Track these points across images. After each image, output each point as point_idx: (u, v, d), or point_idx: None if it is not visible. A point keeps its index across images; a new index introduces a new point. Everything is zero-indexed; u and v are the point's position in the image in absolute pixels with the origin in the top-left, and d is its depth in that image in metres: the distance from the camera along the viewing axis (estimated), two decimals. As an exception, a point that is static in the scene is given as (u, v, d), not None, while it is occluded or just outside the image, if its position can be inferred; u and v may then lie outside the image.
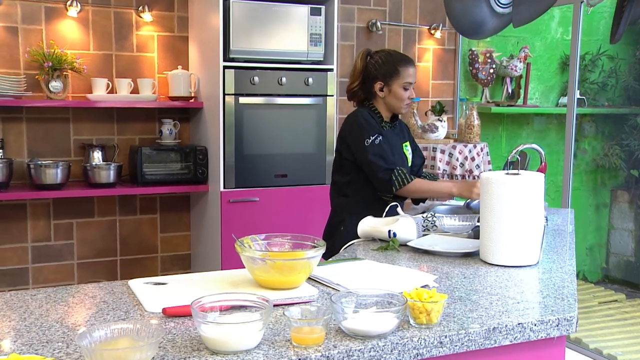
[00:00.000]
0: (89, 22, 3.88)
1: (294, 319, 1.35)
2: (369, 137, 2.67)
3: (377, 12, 4.66)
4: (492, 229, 1.99)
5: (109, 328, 1.28)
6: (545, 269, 1.97)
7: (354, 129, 2.73)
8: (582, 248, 5.71)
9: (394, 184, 2.63)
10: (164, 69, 4.09)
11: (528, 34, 5.29)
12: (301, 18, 3.85)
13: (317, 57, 3.92)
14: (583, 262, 5.73)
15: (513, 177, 1.98)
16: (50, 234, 3.90)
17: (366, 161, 2.68)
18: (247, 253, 1.68)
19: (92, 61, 3.89)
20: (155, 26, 4.07)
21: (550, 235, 2.48)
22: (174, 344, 1.34)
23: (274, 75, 3.81)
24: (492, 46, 5.10)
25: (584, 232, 5.70)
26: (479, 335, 1.45)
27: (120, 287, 1.74)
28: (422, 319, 1.45)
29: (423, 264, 2.02)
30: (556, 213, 2.97)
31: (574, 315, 1.56)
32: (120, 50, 3.99)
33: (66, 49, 3.75)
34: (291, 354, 1.30)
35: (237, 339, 1.29)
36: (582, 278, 5.67)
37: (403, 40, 4.78)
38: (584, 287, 5.44)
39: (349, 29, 4.59)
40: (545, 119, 5.42)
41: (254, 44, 3.76)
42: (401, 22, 4.74)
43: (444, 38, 4.90)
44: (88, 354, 1.19)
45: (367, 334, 1.38)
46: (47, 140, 3.83)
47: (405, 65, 2.74)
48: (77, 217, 3.96)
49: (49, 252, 3.90)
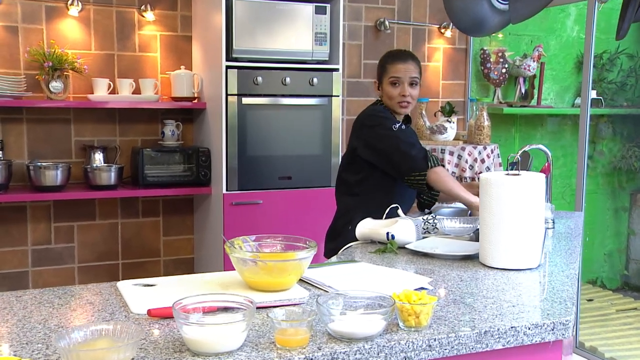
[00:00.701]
0: (90, 21, 3.92)
1: (277, 320, 1.35)
2: (395, 124, 2.69)
3: (386, 10, 4.67)
4: (491, 231, 1.99)
5: (88, 329, 1.29)
6: (546, 273, 1.96)
7: (376, 120, 2.73)
8: (600, 254, 5.66)
9: (431, 160, 2.60)
10: (166, 69, 4.12)
11: (542, 33, 5.27)
12: (306, 16, 3.86)
13: (322, 57, 3.94)
14: (601, 268, 5.69)
15: (512, 178, 1.98)
16: (50, 237, 3.94)
17: (396, 143, 2.63)
18: (236, 254, 1.69)
19: (93, 61, 3.93)
20: (157, 25, 4.10)
21: (558, 238, 2.46)
22: (155, 346, 1.35)
23: (278, 75, 3.83)
24: (505, 45, 5.08)
25: (602, 237, 5.66)
26: (470, 339, 1.45)
27: (108, 288, 1.75)
28: (411, 321, 1.45)
29: (420, 266, 2.02)
30: (567, 216, 2.95)
31: (570, 319, 1.55)
32: (122, 50, 4.02)
33: (67, 49, 3.79)
34: (274, 356, 1.30)
35: (219, 340, 1.30)
36: (600, 285, 5.63)
37: (412, 40, 4.78)
38: (601, 294, 5.40)
39: (356, 28, 4.60)
40: (560, 120, 5.39)
41: (257, 43, 3.78)
42: (410, 20, 4.74)
43: (454, 37, 4.90)
44: (65, 355, 1.20)
45: (354, 336, 1.38)
46: (48, 141, 3.87)
47: (392, 60, 2.75)
48: (78, 220, 3.99)
49: (49, 256, 3.94)
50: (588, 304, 5.12)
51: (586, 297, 5.23)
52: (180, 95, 4.01)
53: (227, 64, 3.72)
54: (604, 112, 5.38)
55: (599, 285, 5.62)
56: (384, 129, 2.67)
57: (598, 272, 5.68)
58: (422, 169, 2.59)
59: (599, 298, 5.27)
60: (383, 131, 2.67)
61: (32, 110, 3.81)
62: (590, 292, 5.42)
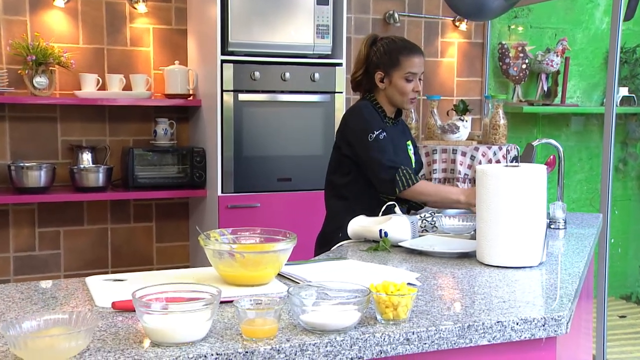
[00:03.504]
0: (77, 13, 4.00)
1: (242, 309, 1.39)
2: (372, 132, 2.68)
3: (395, 2, 4.70)
4: (488, 227, 2.00)
5: (41, 318, 1.33)
6: (547, 270, 1.97)
7: (357, 122, 2.76)
8: (634, 266, 5.62)
9: (398, 184, 2.62)
10: (160, 65, 4.18)
11: (567, 25, 5.27)
12: (307, 8, 3.91)
13: (324, 51, 3.98)
14: (636, 282, 5.64)
15: (511, 170, 2.00)
16: (34, 243, 4.00)
17: (367, 158, 2.68)
18: (210, 246, 1.73)
19: (81, 56, 4.00)
20: (150, 18, 4.17)
21: (569, 239, 2.47)
22: (115, 337, 1.39)
23: (277, 70, 3.87)
24: (525, 39, 5.10)
25: (636, 248, 5.62)
26: (451, 333, 1.47)
27: (75, 283, 1.80)
28: (389, 314, 1.47)
29: (413, 264, 2.04)
30: (584, 218, 2.94)
31: (563, 315, 1.56)
32: (112, 44, 4.09)
33: (52, 42, 3.86)
34: (238, 347, 1.33)
35: (181, 329, 1.33)
36: (635, 301, 5.59)
37: (424, 34, 4.81)
38: (635, 310, 5.36)
39: (363, 21, 4.64)
40: (587, 120, 5.38)
41: (254, 36, 3.83)
42: (422, 13, 4.78)
43: (470, 31, 4.92)
44: (13, 344, 1.23)
45: (326, 328, 1.41)
46: (32, 141, 3.93)
47: (407, 53, 2.75)
48: (65, 225, 4.05)
49: (32, 263, 3.99)
50: (620, 320, 5.08)
51: (618, 314, 5.20)
52: (174, 92, 4.07)
53: (222, 57, 3.77)
54: (636, 110, 5.37)
55: (633, 301, 5.58)
56: (364, 134, 2.69)
57: (633, 287, 5.64)
58: (390, 192, 2.65)
59: (633, 315, 5.24)
60: (361, 139, 2.70)
61: (15, 107, 3.88)
62: (624, 308, 5.39)
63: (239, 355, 1.32)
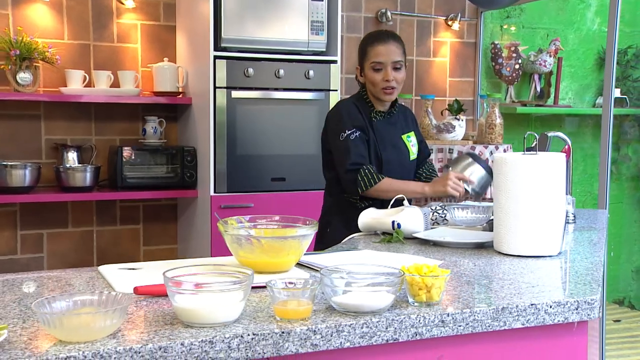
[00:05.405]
0: (62, 7, 3.97)
1: (277, 289, 1.39)
2: (344, 132, 2.75)
3: (387, 0, 4.74)
4: (507, 216, 2.03)
5: (70, 299, 1.33)
6: (568, 260, 2.00)
7: (332, 121, 2.86)
8: (627, 271, 5.70)
9: (359, 185, 2.68)
10: (148, 62, 4.17)
11: (560, 26, 5.35)
12: (301, 3, 3.93)
13: (318, 47, 4.00)
14: (629, 286, 5.72)
15: (530, 157, 2.03)
16: (16, 246, 3.95)
17: (336, 158, 2.79)
18: (230, 232, 1.73)
19: (66, 51, 3.97)
20: (138, 14, 4.16)
21: (580, 231, 2.51)
22: (144, 319, 1.38)
23: (271, 67, 3.88)
24: (518, 39, 5.16)
25: (629, 251, 5.70)
26: (486, 315, 1.49)
27: (88, 272, 1.79)
28: (422, 296, 1.48)
29: (430, 254, 2.06)
30: (590, 213, 2.99)
31: (595, 298, 1.59)
32: (98, 40, 4.07)
33: (37, 37, 3.82)
34: (274, 327, 1.34)
35: (215, 309, 1.33)
36: (627, 305, 5.66)
37: (417, 33, 4.85)
38: (629, 314, 5.43)
39: (355, 19, 4.68)
40: (580, 121, 5.46)
41: (248, 32, 3.84)
42: (414, 11, 4.82)
43: (462, 30, 4.98)
44: (47, 322, 1.22)
45: (360, 310, 1.42)
46: (15, 139, 3.89)
47: (372, 42, 2.81)
48: (48, 227, 4.01)
49: (14, 267, 3.93)
50: (615, 324, 5.14)
51: (613, 318, 5.26)
52: (163, 89, 4.06)
53: (215, 53, 3.77)
54: (628, 112, 5.46)
55: (626, 306, 5.65)
56: (335, 134, 2.78)
57: (625, 291, 5.71)
58: (352, 192, 2.74)
59: (627, 319, 5.30)
60: (333, 136, 2.80)
61: (-3, 104, 3.85)
62: (617, 312, 5.45)
63: (275, 336, 1.32)
